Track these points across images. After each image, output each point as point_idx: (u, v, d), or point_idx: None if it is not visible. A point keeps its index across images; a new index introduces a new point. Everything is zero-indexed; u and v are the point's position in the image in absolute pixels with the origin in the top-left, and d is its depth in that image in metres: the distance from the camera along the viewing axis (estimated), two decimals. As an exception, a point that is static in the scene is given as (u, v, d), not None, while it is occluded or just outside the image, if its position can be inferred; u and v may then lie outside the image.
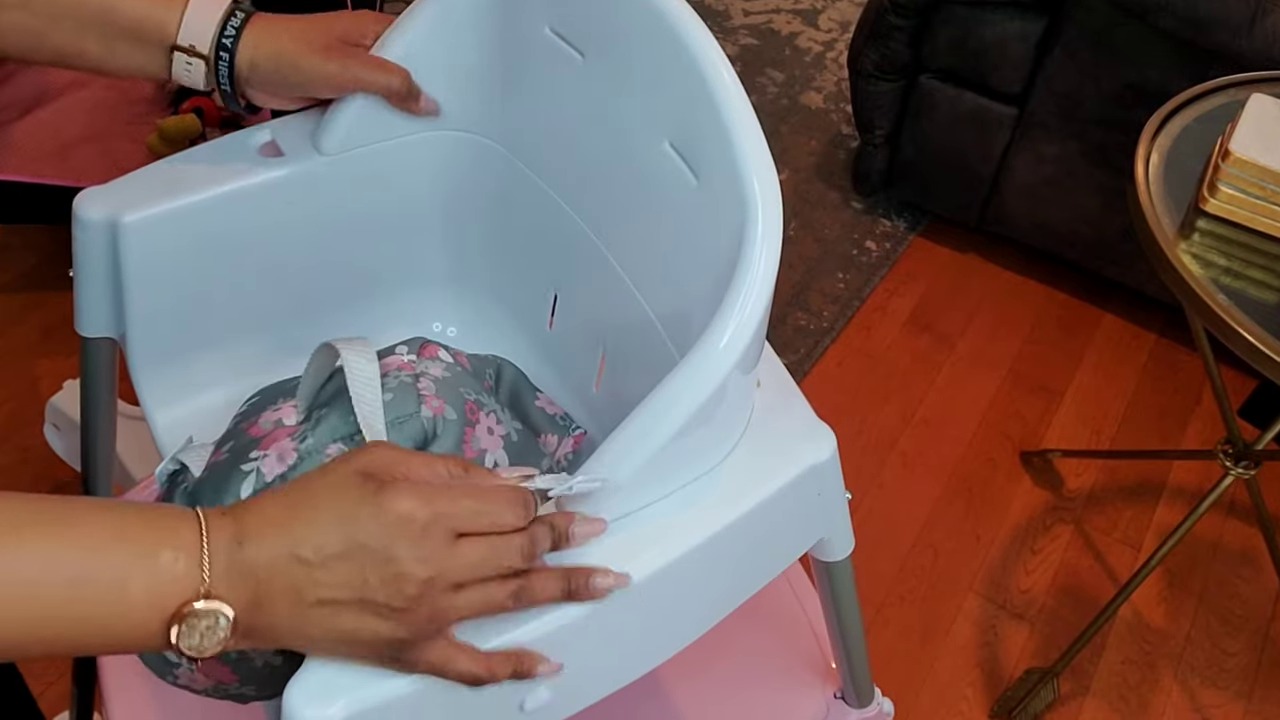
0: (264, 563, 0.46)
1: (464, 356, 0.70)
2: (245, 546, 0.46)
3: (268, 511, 0.47)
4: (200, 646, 0.45)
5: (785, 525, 0.64)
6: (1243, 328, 1.00)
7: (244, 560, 0.46)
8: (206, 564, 0.45)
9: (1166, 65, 1.59)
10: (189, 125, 1.64)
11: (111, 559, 0.44)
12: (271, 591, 0.46)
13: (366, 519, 0.47)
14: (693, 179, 0.58)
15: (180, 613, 0.45)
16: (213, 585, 0.45)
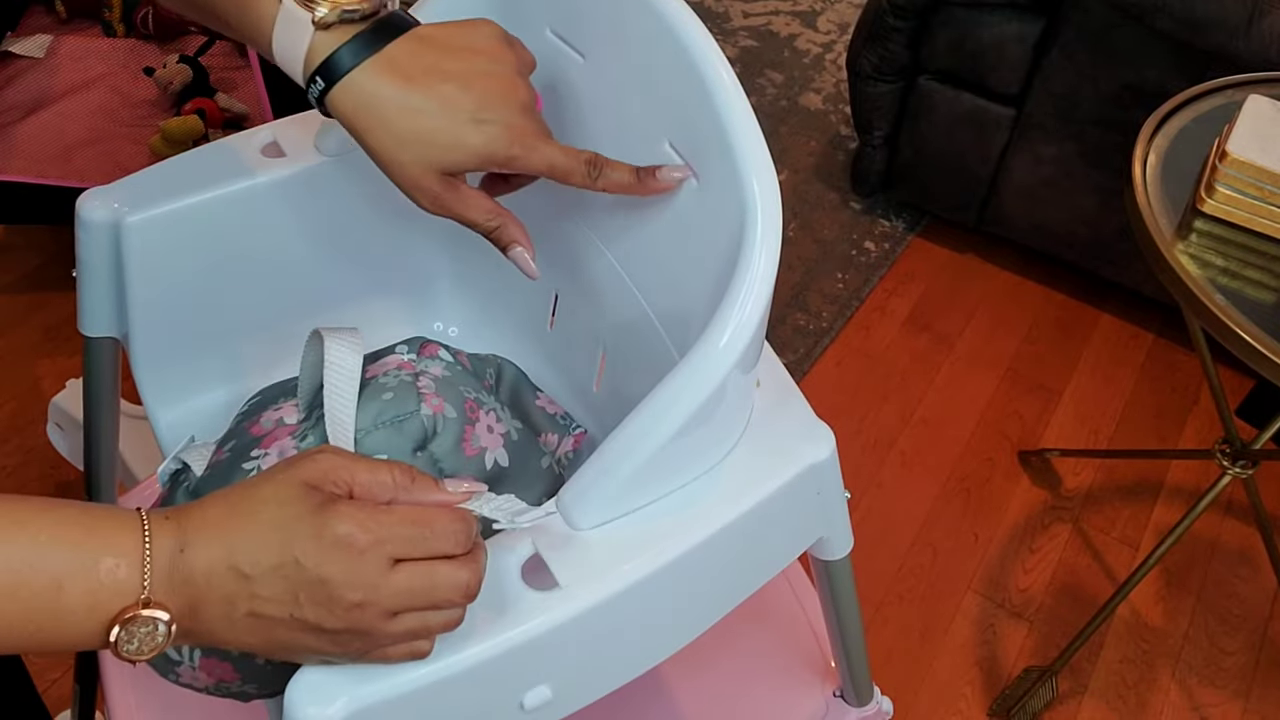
0: (201, 570, 0.45)
1: (464, 356, 0.70)
2: (185, 552, 0.45)
3: (209, 515, 0.47)
4: (138, 651, 0.45)
5: (785, 524, 0.65)
6: (1240, 328, 1.01)
7: (184, 566, 0.45)
8: (147, 571, 0.44)
9: (1164, 66, 1.59)
10: (191, 126, 1.65)
11: (50, 564, 0.43)
12: (208, 599, 0.46)
13: (304, 537, 0.46)
14: (693, 180, 0.58)
15: (119, 618, 0.44)
16: (152, 593, 0.45)
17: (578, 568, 0.54)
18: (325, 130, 0.74)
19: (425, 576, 0.47)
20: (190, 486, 0.62)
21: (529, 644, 0.52)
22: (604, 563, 0.54)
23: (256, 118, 1.73)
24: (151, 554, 0.45)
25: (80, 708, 1.12)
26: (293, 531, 0.46)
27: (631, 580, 0.55)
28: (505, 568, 0.54)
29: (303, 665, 0.50)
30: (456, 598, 0.48)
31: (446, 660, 0.51)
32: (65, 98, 1.69)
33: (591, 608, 0.53)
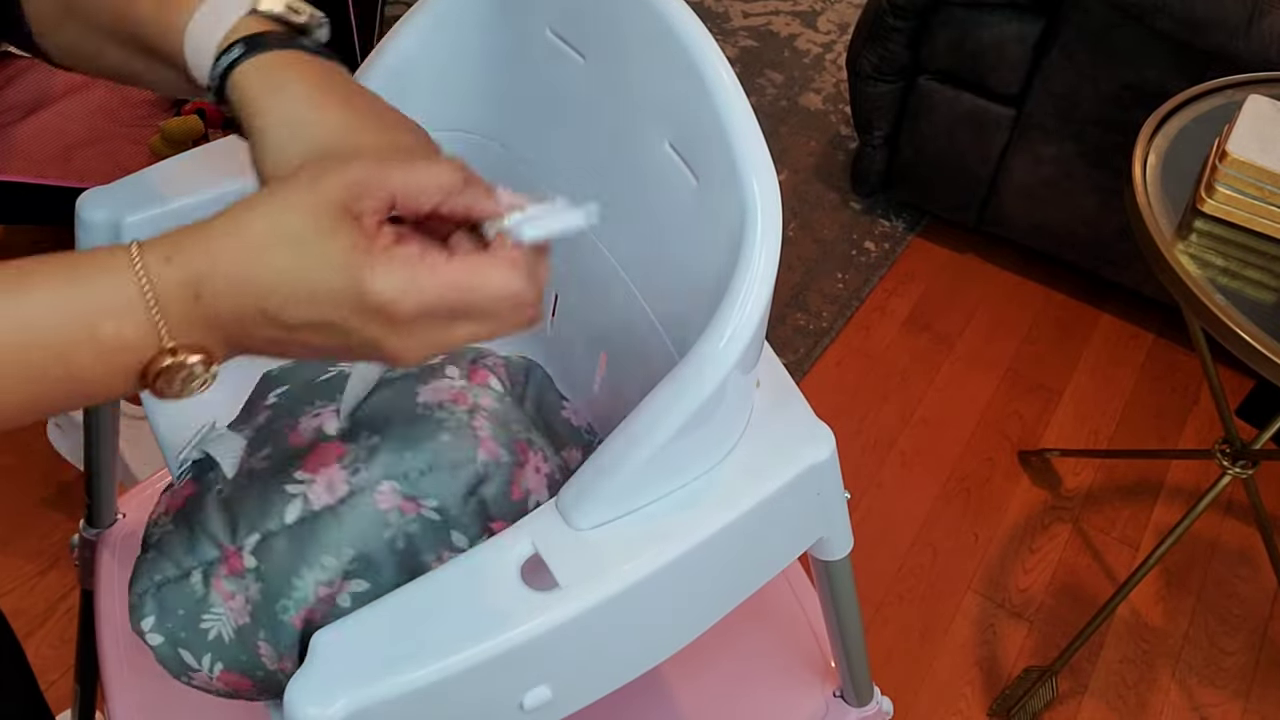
0: (228, 314, 0.42)
1: (503, 367, 0.68)
2: (204, 299, 0.41)
3: (223, 255, 0.42)
4: (182, 393, 0.43)
5: (784, 525, 0.64)
6: (1240, 328, 1.01)
7: (204, 311, 0.41)
8: (160, 321, 0.41)
9: (1164, 66, 1.60)
10: (191, 126, 1.65)
11: (51, 339, 0.40)
12: (241, 334, 0.43)
13: (343, 299, 0.41)
14: (692, 179, 0.58)
15: (149, 372, 0.41)
16: (176, 338, 0.41)
17: (577, 568, 0.54)
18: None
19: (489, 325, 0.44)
20: (224, 493, 0.59)
21: (529, 644, 0.52)
22: (604, 563, 0.54)
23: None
24: (158, 302, 0.41)
25: (80, 708, 1.12)
26: (328, 284, 0.41)
27: (631, 580, 0.54)
28: (504, 568, 0.54)
29: (304, 663, 0.50)
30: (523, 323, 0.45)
31: (446, 660, 0.50)
32: (65, 98, 1.68)
33: (591, 608, 0.53)
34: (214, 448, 0.61)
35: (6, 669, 0.76)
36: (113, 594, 0.92)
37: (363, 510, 0.56)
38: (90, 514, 0.95)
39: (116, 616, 0.90)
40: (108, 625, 0.89)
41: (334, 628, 0.51)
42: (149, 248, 0.41)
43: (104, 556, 0.94)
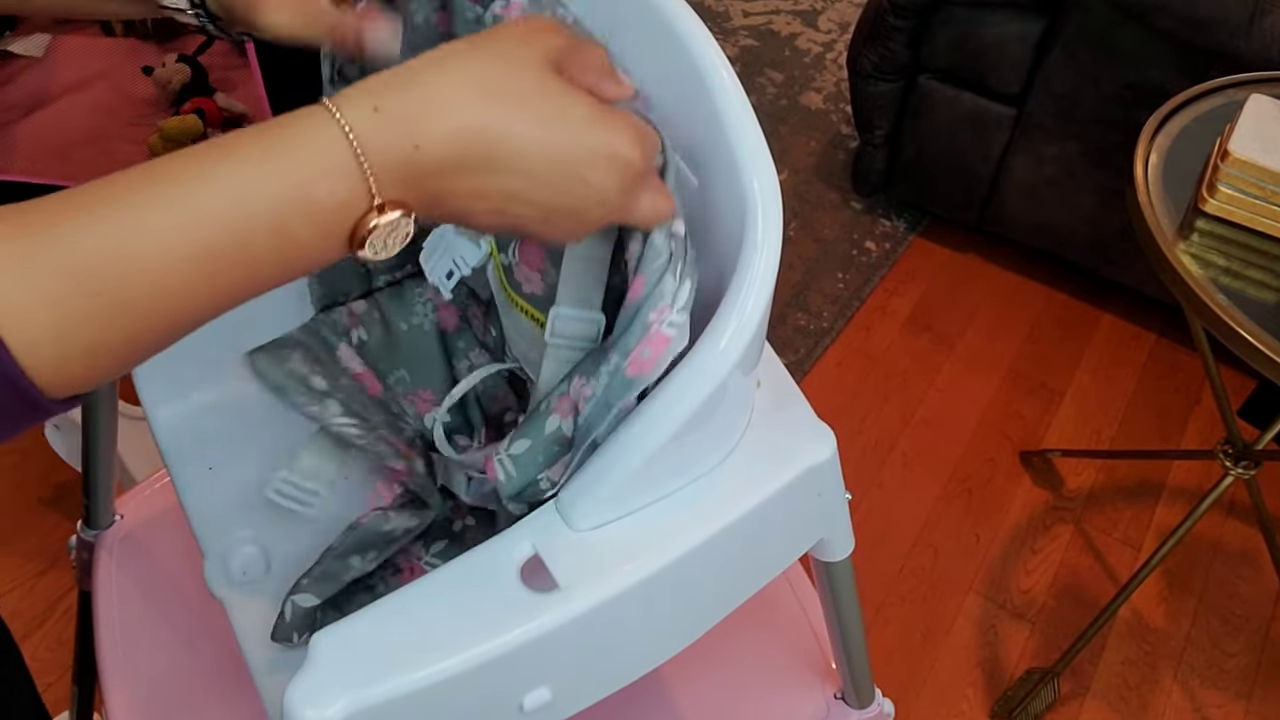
0: (451, 161, 0.41)
1: None
2: (423, 149, 0.41)
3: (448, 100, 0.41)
4: (387, 249, 0.42)
5: (785, 525, 0.64)
6: (1242, 327, 1.00)
7: (421, 162, 0.41)
8: (372, 180, 0.40)
9: (1165, 66, 1.59)
10: (190, 126, 1.65)
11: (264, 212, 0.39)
12: (453, 187, 0.42)
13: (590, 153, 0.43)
14: (693, 179, 0.58)
15: (358, 231, 0.41)
16: (384, 195, 0.41)
17: (577, 569, 0.54)
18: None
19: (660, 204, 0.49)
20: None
21: (528, 645, 0.52)
22: (604, 564, 0.54)
23: (256, 117, 1.73)
24: (369, 160, 0.40)
25: (78, 709, 1.12)
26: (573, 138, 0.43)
27: (631, 582, 0.54)
28: (504, 569, 0.54)
29: (303, 665, 0.50)
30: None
31: (445, 662, 0.50)
32: (64, 97, 1.69)
33: (591, 609, 0.53)
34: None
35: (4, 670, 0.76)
36: (111, 595, 0.91)
37: None
38: (88, 515, 0.94)
39: (115, 618, 0.90)
40: (106, 627, 0.89)
41: (333, 629, 0.51)
42: (351, 101, 0.41)
43: (102, 557, 0.94)
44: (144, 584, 0.92)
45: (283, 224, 0.40)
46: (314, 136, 0.40)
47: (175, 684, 0.86)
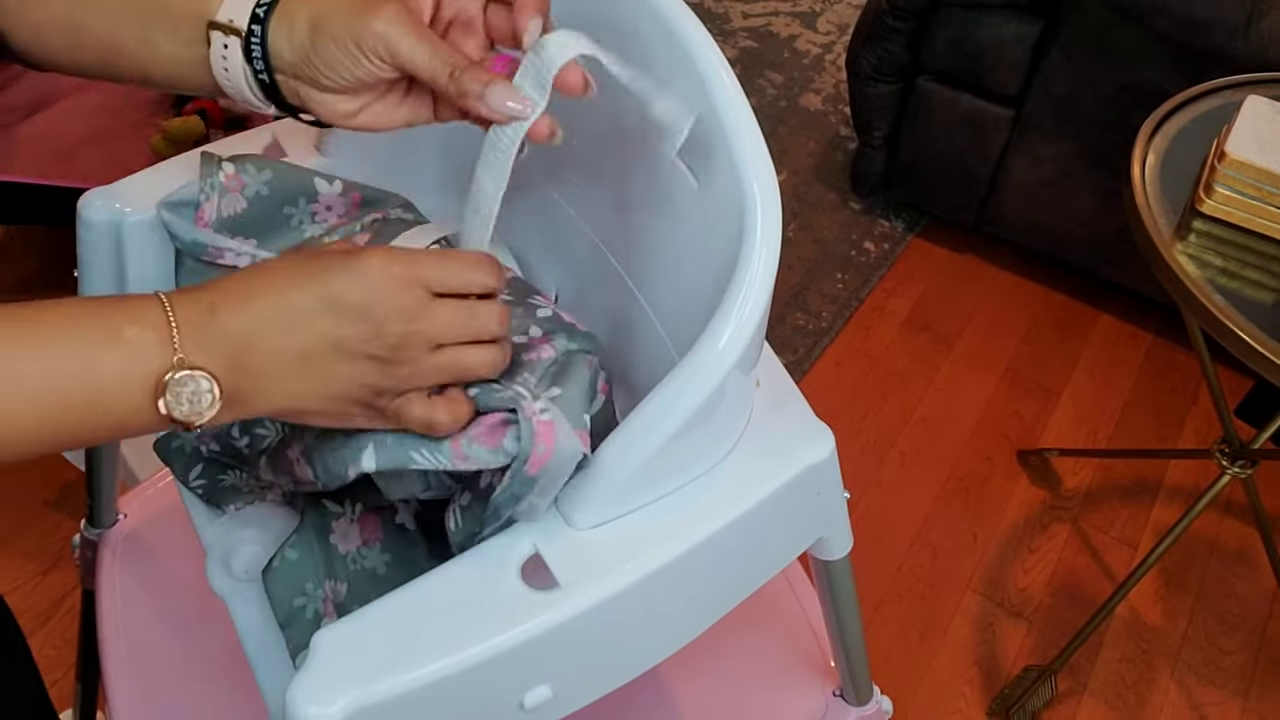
0: (240, 324, 0.47)
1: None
2: (217, 314, 0.47)
3: (233, 286, 0.48)
4: (192, 413, 0.46)
5: (784, 524, 0.65)
6: (1239, 328, 1.01)
7: (217, 327, 0.47)
8: (175, 335, 0.46)
9: (1163, 67, 1.60)
10: (193, 127, 1.65)
11: (76, 345, 0.44)
12: (250, 351, 0.47)
13: (341, 276, 0.48)
14: (692, 180, 0.58)
15: (160, 386, 0.45)
16: (186, 354, 0.46)
17: (577, 567, 0.54)
18: (327, 131, 0.74)
19: (464, 310, 0.50)
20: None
21: (529, 644, 0.52)
22: (604, 562, 0.54)
23: (258, 118, 1.73)
24: (176, 320, 0.46)
25: (82, 707, 1.12)
26: (326, 271, 0.48)
27: (631, 580, 0.54)
28: (505, 567, 0.54)
29: (305, 663, 0.50)
30: (494, 327, 0.51)
31: (447, 660, 0.51)
32: (67, 98, 1.69)
33: (591, 607, 0.53)
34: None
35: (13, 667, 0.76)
36: (114, 594, 0.92)
37: None
38: (91, 514, 0.95)
39: (118, 616, 0.90)
40: (109, 625, 0.89)
41: (335, 627, 0.51)
42: (168, 293, 0.47)
43: (105, 556, 0.94)
44: (147, 582, 0.93)
45: (91, 357, 0.45)
46: (138, 298, 0.47)
47: (178, 681, 0.86)
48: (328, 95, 0.54)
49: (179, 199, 0.67)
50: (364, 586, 0.63)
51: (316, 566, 0.63)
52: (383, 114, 0.55)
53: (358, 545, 0.65)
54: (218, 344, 0.47)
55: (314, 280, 0.48)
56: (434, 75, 0.52)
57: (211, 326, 0.46)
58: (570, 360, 0.57)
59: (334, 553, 0.64)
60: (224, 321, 0.47)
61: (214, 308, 0.47)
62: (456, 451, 0.53)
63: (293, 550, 0.64)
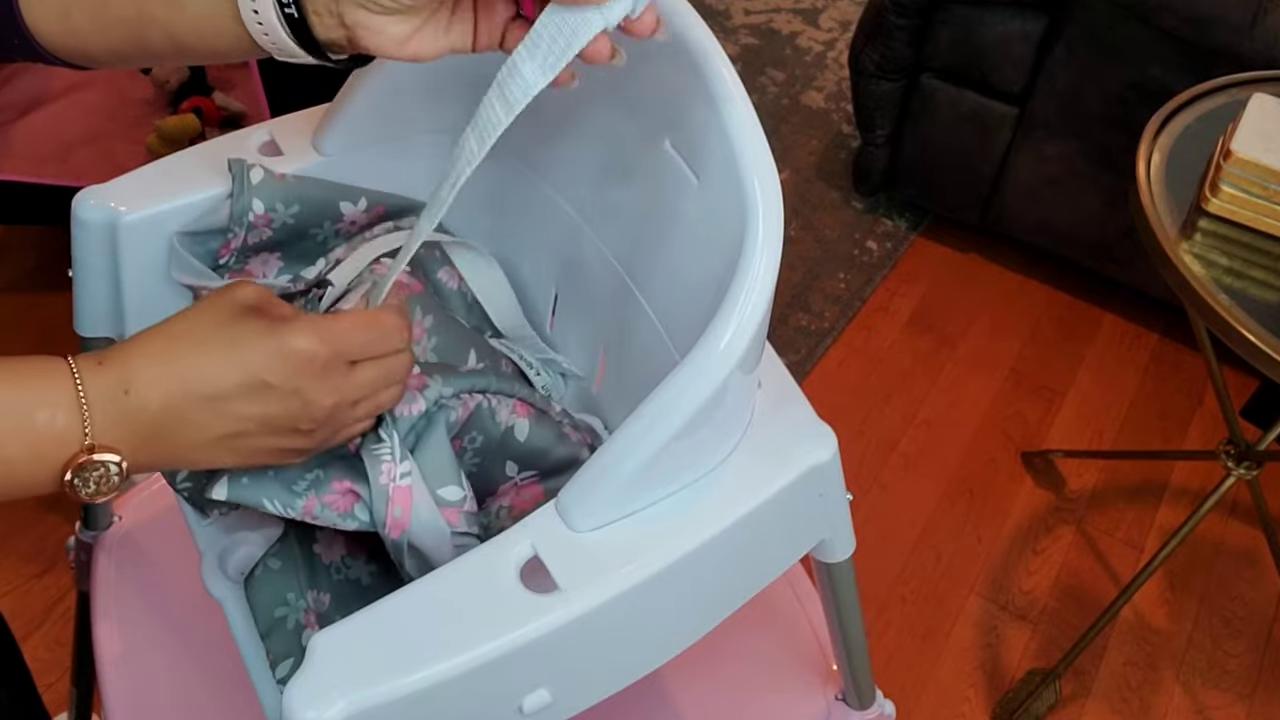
0: (156, 404, 0.46)
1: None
2: (131, 393, 0.46)
3: (151, 350, 0.48)
4: (96, 493, 0.46)
5: (786, 527, 0.64)
6: (1244, 328, 1.00)
7: (130, 407, 0.46)
8: (86, 417, 0.45)
9: (1168, 65, 1.59)
10: (188, 125, 1.64)
11: None
12: (170, 429, 0.47)
13: (265, 355, 0.48)
14: (693, 179, 0.58)
15: (69, 466, 0.45)
16: (96, 437, 0.45)
17: (577, 570, 0.54)
18: (324, 130, 0.73)
19: (382, 369, 0.53)
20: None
21: (528, 647, 0.52)
22: (604, 565, 0.54)
23: (254, 116, 1.73)
24: (88, 400, 0.45)
25: (77, 710, 1.12)
26: (252, 350, 0.48)
27: (632, 583, 0.54)
28: (504, 570, 0.53)
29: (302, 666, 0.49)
30: (403, 374, 0.55)
31: (445, 663, 0.50)
32: (62, 97, 1.68)
33: (591, 611, 0.53)
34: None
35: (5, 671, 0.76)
36: (109, 596, 0.91)
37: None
38: (87, 516, 0.94)
39: (113, 619, 0.90)
40: (104, 627, 0.89)
41: (332, 630, 0.51)
42: (82, 356, 0.47)
43: (100, 559, 0.94)
44: (142, 585, 0.92)
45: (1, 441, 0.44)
46: (50, 376, 0.46)
47: (174, 684, 0.85)
48: (380, 18, 0.50)
49: (199, 228, 0.68)
50: (347, 597, 0.63)
51: (299, 576, 0.63)
52: (431, 39, 0.52)
53: (341, 555, 0.65)
54: (131, 424, 0.46)
55: (238, 366, 0.48)
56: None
57: (125, 406, 0.46)
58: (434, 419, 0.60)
59: (317, 562, 0.64)
60: (139, 402, 0.46)
61: (129, 386, 0.46)
62: (308, 510, 0.56)
63: (275, 559, 0.64)
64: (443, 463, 0.59)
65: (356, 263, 0.70)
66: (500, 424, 0.63)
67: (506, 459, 0.64)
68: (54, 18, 0.54)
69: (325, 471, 0.57)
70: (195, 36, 0.53)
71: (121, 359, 0.47)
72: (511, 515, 0.62)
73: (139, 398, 0.46)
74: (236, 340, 0.48)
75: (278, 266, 0.72)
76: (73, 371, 0.46)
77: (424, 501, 0.57)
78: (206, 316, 0.49)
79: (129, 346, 0.48)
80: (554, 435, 0.65)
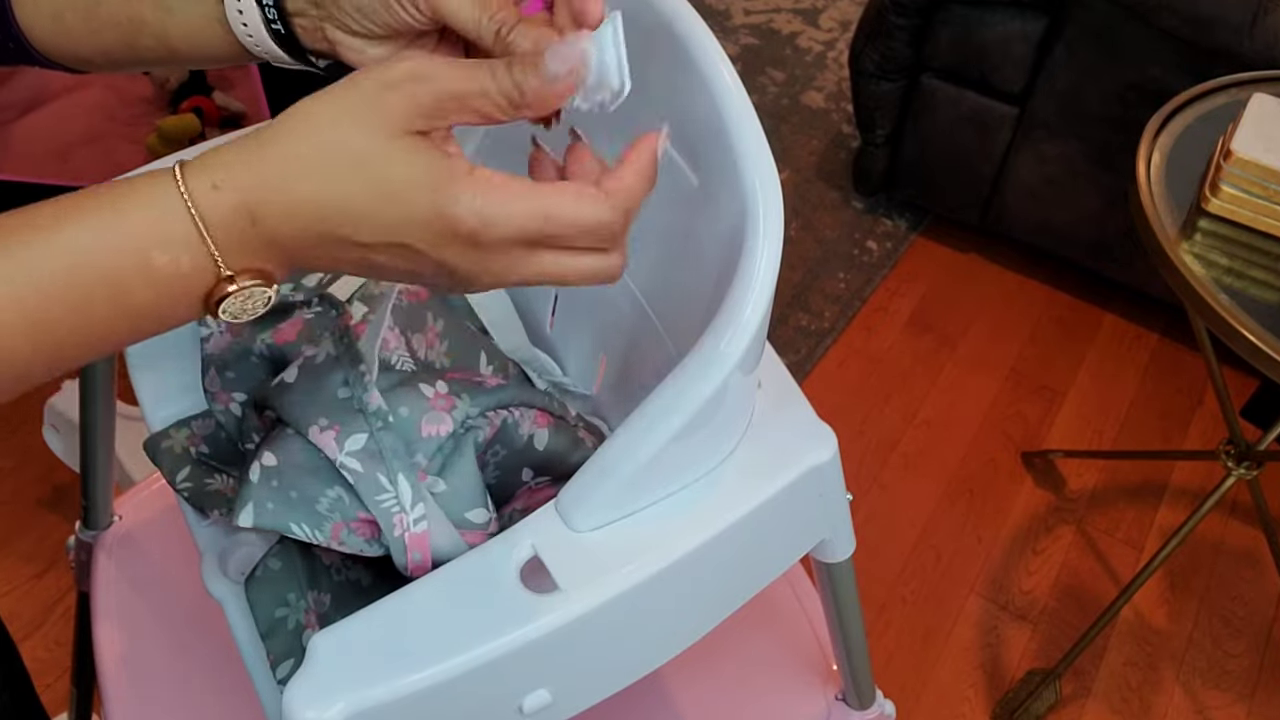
0: (289, 237, 0.41)
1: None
2: (259, 224, 0.40)
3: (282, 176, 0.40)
4: (247, 314, 0.42)
5: (786, 527, 0.64)
6: (1244, 328, 1.00)
7: (261, 236, 0.41)
8: (216, 252, 0.40)
9: (1168, 65, 1.59)
10: (188, 125, 1.64)
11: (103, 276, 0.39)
12: (302, 254, 0.42)
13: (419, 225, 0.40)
14: (693, 179, 0.58)
15: (211, 298, 0.41)
16: (235, 266, 0.41)
17: (577, 570, 0.54)
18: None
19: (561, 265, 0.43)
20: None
21: (528, 647, 0.52)
22: (604, 565, 0.54)
23: (254, 116, 1.73)
24: (210, 234, 0.40)
25: (77, 710, 1.12)
26: (409, 212, 0.40)
27: (632, 583, 0.54)
28: (504, 570, 0.53)
29: (303, 666, 0.49)
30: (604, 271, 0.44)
31: (445, 663, 0.50)
32: (61, 96, 1.68)
33: (591, 611, 0.53)
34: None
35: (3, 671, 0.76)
36: (109, 596, 0.91)
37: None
38: (87, 516, 0.94)
39: (113, 618, 0.90)
40: (104, 627, 0.89)
41: (332, 630, 0.51)
42: (194, 173, 0.40)
43: (100, 559, 0.94)
44: (142, 584, 0.92)
45: (122, 291, 0.39)
46: (155, 206, 0.40)
47: (174, 685, 0.85)
48: (356, 39, 0.50)
49: None
50: (348, 598, 0.63)
51: (300, 577, 0.63)
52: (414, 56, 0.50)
53: (342, 556, 0.65)
54: (266, 249, 0.41)
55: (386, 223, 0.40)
56: (479, 32, 0.47)
57: (253, 235, 0.40)
58: (462, 442, 0.59)
59: (318, 563, 0.64)
60: (269, 234, 0.41)
61: (254, 216, 0.40)
62: (335, 534, 0.55)
63: (275, 560, 0.64)
64: (471, 485, 0.58)
65: None
66: (523, 436, 0.63)
67: (524, 466, 0.64)
68: (47, 20, 0.54)
69: (348, 495, 0.57)
70: (185, 41, 0.53)
71: (240, 182, 0.40)
72: (525, 516, 0.63)
73: (270, 226, 0.40)
74: (388, 195, 0.40)
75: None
76: (186, 203, 0.40)
77: (443, 534, 0.56)
78: (352, 139, 0.40)
79: (249, 163, 0.40)
80: (570, 441, 0.65)
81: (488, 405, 0.60)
